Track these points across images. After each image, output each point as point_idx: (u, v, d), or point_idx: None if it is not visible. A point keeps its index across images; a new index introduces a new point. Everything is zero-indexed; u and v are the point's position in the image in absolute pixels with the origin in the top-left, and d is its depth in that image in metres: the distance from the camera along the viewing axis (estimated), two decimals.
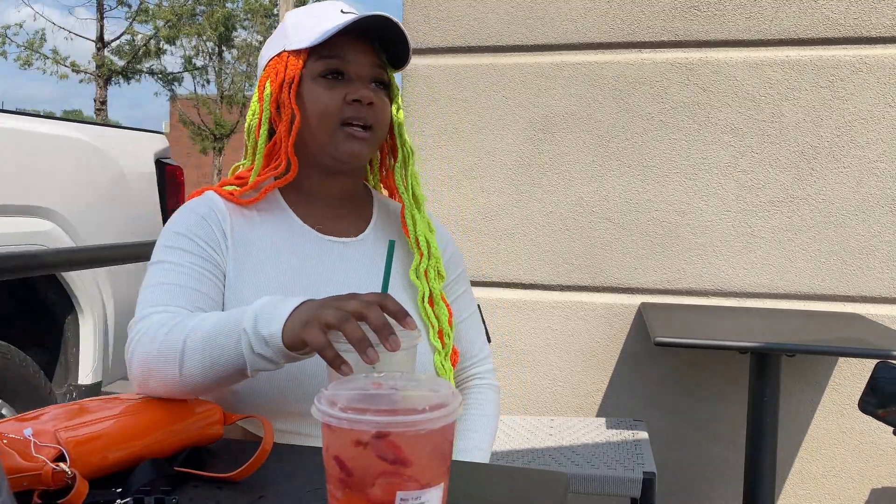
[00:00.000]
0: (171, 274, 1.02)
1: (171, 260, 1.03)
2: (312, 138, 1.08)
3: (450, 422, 0.62)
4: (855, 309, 2.15)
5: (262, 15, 22.81)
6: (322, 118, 1.07)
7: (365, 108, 1.07)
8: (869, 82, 2.11)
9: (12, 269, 1.81)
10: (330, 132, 1.07)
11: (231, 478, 0.81)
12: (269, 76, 1.11)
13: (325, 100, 1.06)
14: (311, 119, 1.07)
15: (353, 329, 0.75)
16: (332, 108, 1.06)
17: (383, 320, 0.76)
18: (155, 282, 1.02)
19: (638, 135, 2.24)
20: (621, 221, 2.26)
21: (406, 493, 0.60)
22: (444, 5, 2.34)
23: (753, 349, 1.73)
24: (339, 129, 1.07)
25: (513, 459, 1.72)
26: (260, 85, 1.12)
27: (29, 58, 18.67)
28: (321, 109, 1.06)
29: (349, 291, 1.02)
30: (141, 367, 0.91)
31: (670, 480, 2.25)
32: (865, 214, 2.13)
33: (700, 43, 2.20)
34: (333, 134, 1.07)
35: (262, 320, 0.83)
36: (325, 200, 1.14)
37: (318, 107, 1.07)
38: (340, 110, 1.06)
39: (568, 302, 2.30)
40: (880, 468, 2.15)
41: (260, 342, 0.83)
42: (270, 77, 1.10)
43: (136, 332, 0.94)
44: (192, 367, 0.88)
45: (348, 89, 1.07)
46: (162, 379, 0.90)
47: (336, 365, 0.76)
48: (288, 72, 1.08)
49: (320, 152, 1.09)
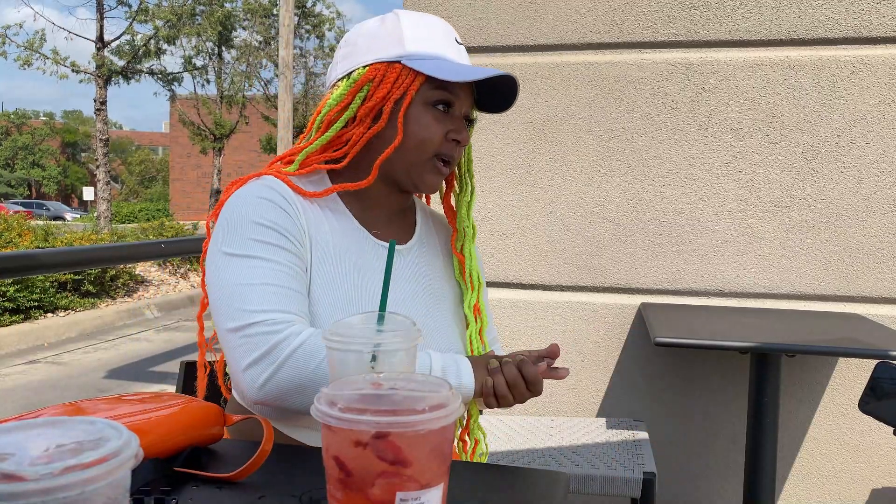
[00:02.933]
0: (273, 274, 0.99)
1: (268, 257, 1.00)
2: (401, 158, 1.09)
3: (450, 422, 0.61)
4: (855, 309, 2.15)
5: (262, 15, 22.80)
6: (421, 146, 1.08)
7: (458, 147, 1.11)
8: (869, 82, 2.11)
9: (12, 270, 1.81)
10: (422, 160, 1.09)
11: (231, 478, 0.81)
12: (373, 78, 1.08)
13: (432, 130, 1.08)
14: (408, 141, 1.08)
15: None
16: (435, 140, 1.08)
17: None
18: (256, 281, 0.98)
19: (638, 135, 2.24)
20: (621, 221, 2.26)
21: (406, 494, 0.60)
22: (444, 5, 2.34)
23: (753, 349, 1.73)
24: (430, 160, 1.09)
25: (513, 459, 1.72)
26: (360, 82, 1.08)
27: (29, 58, 18.65)
28: (424, 138, 1.08)
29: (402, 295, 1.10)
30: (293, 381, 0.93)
31: (670, 480, 2.25)
32: (865, 214, 2.13)
33: (700, 43, 2.20)
34: (425, 163, 1.09)
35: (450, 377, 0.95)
36: (381, 209, 1.16)
37: (423, 134, 1.08)
38: (440, 144, 1.09)
39: (568, 302, 2.30)
40: (880, 468, 2.15)
41: None
42: (376, 81, 1.08)
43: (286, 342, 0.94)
44: None
45: (452, 126, 1.09)
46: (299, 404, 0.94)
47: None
48: (400, 87, 1.07)
49: (403, 173, 1.10)
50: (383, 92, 1.07)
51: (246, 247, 1.00)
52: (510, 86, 1.11)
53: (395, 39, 1.09)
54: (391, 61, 1.08)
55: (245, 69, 23.90)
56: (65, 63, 18.95)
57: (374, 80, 1.07)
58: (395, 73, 1.07)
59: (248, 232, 1.01)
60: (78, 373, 5.76)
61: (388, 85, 1.07)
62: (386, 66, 1.08)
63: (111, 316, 8.02)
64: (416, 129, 1.07)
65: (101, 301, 8.50)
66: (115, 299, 8.77)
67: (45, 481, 0.44)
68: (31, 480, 0.44)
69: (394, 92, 1.06)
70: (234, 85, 23.94)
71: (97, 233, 11.54)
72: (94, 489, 0.45)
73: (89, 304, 8.23)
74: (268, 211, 1.03)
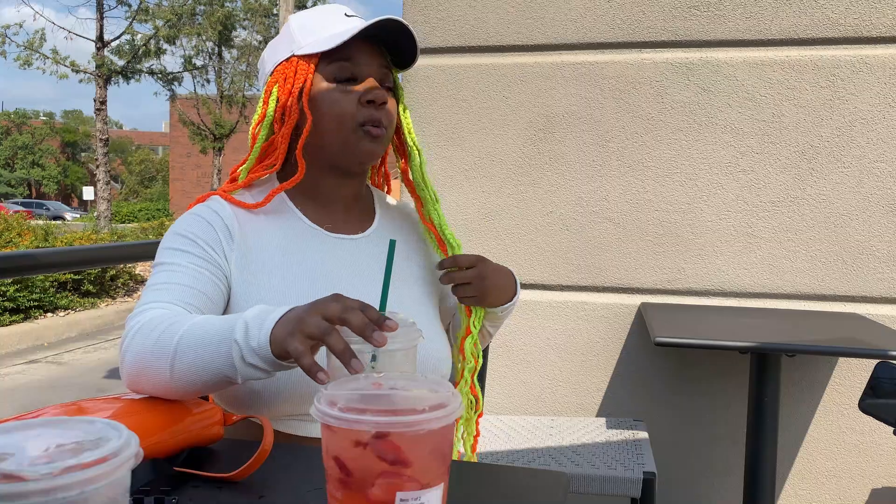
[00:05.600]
0: (171, 274, 1.02)
1: (172, 261, 1.04)
2: (329, 142, 1.10)
3: (450, 422, 0.61)
4: (855, 309, 2.15)
5: (262, 15, 22.79)
6: (339, 121, 1.09)
7: (379, 108, 1.10)
8: (869, 82, 2.11)
9: (12, 269, 1.81)
10: (347, 134, 1.09)
11: (231, 478, 0.81)
12: (277, 81, 1.12)
13: (342, 103, 1.08)
14: (326, 123, 1.09)
15: (336, 341, 0.76)
16: (348, 111, 1.08)
17: (364, 320, 0.76)
18: (154, 282, 1.02)
19: (638, 135, 2.24)
20: (621, 221, 2.26)
21: (406, 494, 0.60)
22: (444, 5, 2.34)
23: (753, 349, 1.72)
24: (356, 130, 1.09)
25: (513, 459, 1.72)
26: (267, 90, 1.13)
27: (29, 58, 18.65)
28: (338, 113, 1.08)
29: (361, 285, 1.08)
30: (134, 363, 0.91)
31: (670, 480, 2.25)
32: (865, 214, 2.13)
33: (700, 43, 2.20)
34: (351, 135, 1.09)
35: (252, 331, 0.83)
36: (334, 202, 1.17)
37: (335, 110, 1.09)
38: (356, 113, 1.09)
39: (568, 302, 2.30)
40: (880, 468, 2.15)
41: (250, 352, 0.83)
42: (279, 82, 1.11)
43: (131, 328, 0.94)
44: (182, 368, 0.87)
45: (361, 92, 1.09)
46: (153, 377, 0.89)
47: (313, 373, 0.76)
48: (299, 77, 1.09)
49: (338, 154, 1.11)
50: (288, 88, 1.09)
51: (162, 255, 1.06)
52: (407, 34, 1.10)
53: (286, 39, 1.14)
54: (287, 58, 1.12)
55: (245, 69, 23.91)
56: (65, 63, 18.95)
57: (279, 82, 1.11)
58: (293, 66, 1.10)
59: (168, 243, 1.06)
60: (78, 373, 5.76)
61: (290, 80, 1.10)
62: (284, 65, 1.12)
63: (111, 316, 8.02)
64: (329, 108, 1.09)
65: (101, 301, 8.50)
66: (115, 299, 8.78)
67: (45, 481, 0.44)
68: (31, 480, 0.44)
69: (296, 83, 1.09)
70: (234, 85, 23.96)
71: (97, 233, 11.54)
72: (94, 489, 0.46)
73: (89, 303, 8.23)
74: (191, 224, 1.07)
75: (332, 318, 0.77)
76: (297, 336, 0.78)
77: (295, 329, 0.79)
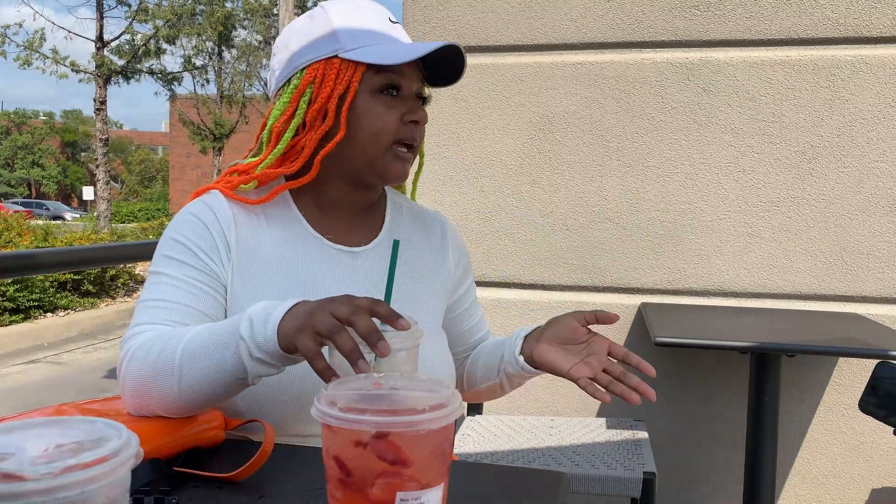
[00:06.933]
0: (168, 289, 0.99)
1: (169, 273, 1.00)
2: (356, 154, 1.05)
3: (450, 422, 0.61)
4: (855, 309, 2.15)
5: (262, 15, 22.80)
6: (377, 136, 1.03)
7: (417, 127, 1.06)
8: (869, 82, 2.11)
9: (12, 269, 1.81)
10: (381, 150, 1.04)
11: (231, 478, 0.81)
12: (313, 79, 1.04)
13: (384, 118, 1.03)
14: (361, 136, 1.04)
15: (345, 340, 0.75)
16: (389, 127, 1.03)
17: (371, 327, 0.75)
18: (150, 297, 0.99)
19: (638, 135, 2.24)
20: (621, 221, 2.26)
21: (406, 494, 0.59)
22: (444, 5, 2.34)
23: (753, 349, 1.72)
24: (390, 148, 1.04)
25: (513, 459, 1.72)
26: (301, 86, 1.04)
27: (28, 57, 18.65)
28: (378, 128, 1.03)
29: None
30: (137, 386, 0.89)
31: (670, 480, 2.25)
32: (865, 214, 2.13)
33: (700, 43, 2.20)
34: (385, 153, 1.04)
35: (257, 325, 0.82)
36: (341, 208, 1.11)
37: (376, 125, 1.03)
38: (397, 130, 1.04)
39: (568, 302, 2.30)
40: (880, 468, 2.15)
41: (258, 347, 0.81)
42: (316, 81, 1.04)
43: (127, 351, 0.92)
44: (191, 379, 0.85)
45: (405, 108, 1.04)
46: (160, 396, 0.87)
47: (326, 377, 0.75)
48: (341, 81, 1.02)
49: (362, 169, 1.06)
50: (327, 91, 1.02)
51: (158, 264, 1.02)
52: (457, 54, 1.05)
53: (327, 33, 1.04)
54: (328, 58, 1.03)
55: (245, 69, 23.91)
56: (64, 63, 18.95)
57: (315, 81, 1.03)
58: (335, 68, 1.02)
59: (164, 248, 1.03)
60: (78, 373, 5.76)
61: (330, 83, 1.02)
62: (324, 64, 1.03)
63: (111, 316, 8.02)
64: (369, 121, 1.03)
65: (101, 301, 8.50)
66: (115, 299, 8.78)
67: (45, 481, 0.44)
68: (31, 480, 0.44)
69: (337, 88, 1.02)
70: (234, 85, 23.96)
71: (97, 233, 11.54)
72: (94, 489, 0.46)
73: (89, 303, 8.23)
74: (187, 228, 1.03)
75: (341, 318, 0.76)
76: (307, 332, 0.77)
77: (304, 324, 0.77)
